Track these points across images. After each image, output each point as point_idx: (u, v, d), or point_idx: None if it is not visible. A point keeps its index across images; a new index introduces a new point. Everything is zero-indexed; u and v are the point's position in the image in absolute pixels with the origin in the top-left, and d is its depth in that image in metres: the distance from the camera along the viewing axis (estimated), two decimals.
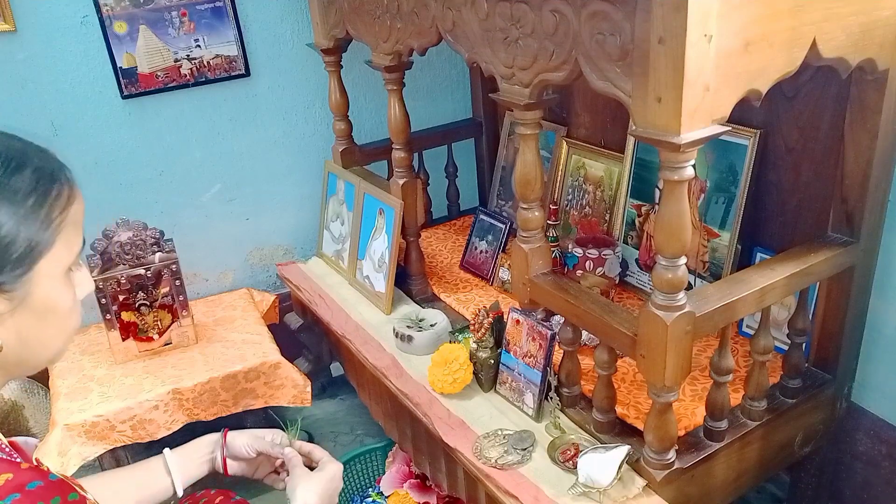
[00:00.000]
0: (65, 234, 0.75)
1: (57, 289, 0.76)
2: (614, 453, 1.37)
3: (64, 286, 0.77)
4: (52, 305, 0.76)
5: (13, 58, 2.07)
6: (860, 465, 1.77)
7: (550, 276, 1.56)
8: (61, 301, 0.77)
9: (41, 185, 0.73)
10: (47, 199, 0.73)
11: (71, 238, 0.77)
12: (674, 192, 1.14)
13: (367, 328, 2.04)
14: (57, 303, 0.76)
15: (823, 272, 1.47)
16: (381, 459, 2.14)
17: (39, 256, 0.73)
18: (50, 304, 0.75)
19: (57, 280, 0.76)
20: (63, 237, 0.75)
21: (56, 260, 0.75)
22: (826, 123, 1.59)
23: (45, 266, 0.74)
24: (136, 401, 1.95)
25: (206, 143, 2.40)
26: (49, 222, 0.73)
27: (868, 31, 1.24)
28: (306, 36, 2.39)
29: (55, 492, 0.71)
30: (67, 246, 0.76)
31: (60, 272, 0.76)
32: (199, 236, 2.48)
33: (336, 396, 2.61)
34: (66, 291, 0.77)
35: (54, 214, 0.74)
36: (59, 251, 0.75)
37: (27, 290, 0.72)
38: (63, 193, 0.76)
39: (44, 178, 0.74)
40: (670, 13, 1.02)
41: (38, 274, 0.73)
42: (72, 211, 0.77)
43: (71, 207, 0.77)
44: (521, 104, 1.41)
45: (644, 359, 1.29)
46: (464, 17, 1.51)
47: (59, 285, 0.76)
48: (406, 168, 2.05)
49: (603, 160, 2.15)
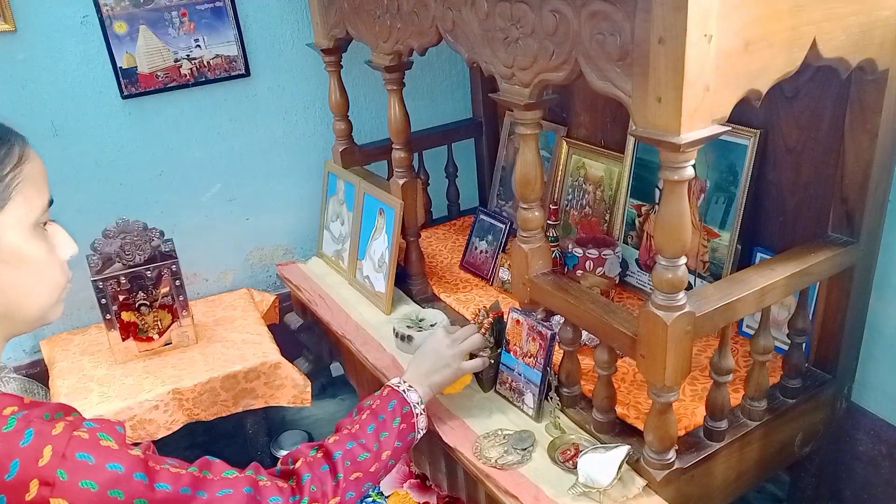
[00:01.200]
0: (22, 190, 0.81)
1: (24, 241, 0.81)
2: (614, 453, 1.37)
3: (32, 239, 0.82)
4: (21, 256, 0.81)
5: (13, 58, 2.07)
6: (860, 465, 1.77)
7: (550, 276, 1.56)
8: (30, 252, 0.82)
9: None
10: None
11: (30, 195, 0.82)
12: (674, 192, 1.14)
13: (367, 328, 2.04)
14: (27, 254, 0.81)
15: (823, 272, 1.47)
16: None
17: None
18: (18, 255, 0.81)
19: (22, 233, 0.81)
20: (20, 194, 0.80)
21: (17, 214, 0.80)
22: (826, 123, 1.59)
23: (4, 221, 0.79)
24: (136, 401, 1.95)
25: (206, 143, 2.40)
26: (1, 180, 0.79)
27: (868, 31, 1.24)
28: (306, 36, 2.39)
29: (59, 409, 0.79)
30: (27, 202, 0.81)
31: (25, 227, 0.81)
32: (199, 236, 2.48)
33: (336, 396, 2.61)
34: (35, 244, 0.83)
35: (5, 172, 0.79)
36: (16, 207, 0.80)
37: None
38: (13, 152, 0.81)
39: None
40: (670, 13, 1.02)
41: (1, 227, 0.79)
42: (27, 168, 0.82)
43: (25, 165, 0.82)
44: (521, 104, 1.41)
45: (644, 359, 1.29)
46: (464, 17, 1.51)
47: (28, 238, 0.82)
48: (406, 168, 2.05)
49: (603, 160, 2.15)
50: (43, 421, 0.76)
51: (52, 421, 0.76)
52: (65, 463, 0.73)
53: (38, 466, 0.72)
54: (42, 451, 0.73)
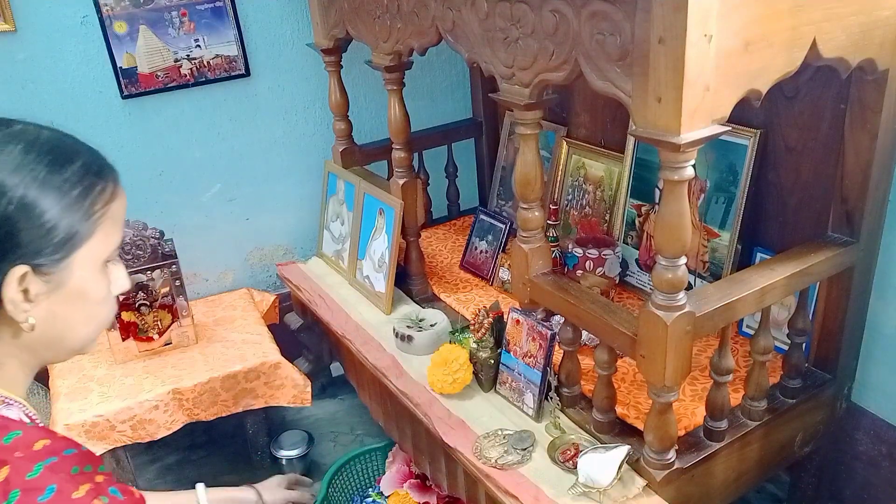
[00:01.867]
0: (104, 227, 0.80)
1: (92, 278, 0.81)
2: (614, 453, 1.37)
3: (99, 277, 0.82)
4: (84, 292, 0.80)
5: (13, 58, 2.07)
6: (860, 465, 1.77)
7: (550, 276, 1.56)
8: (94, 290, 0.81)
9: (87, 178, 0.79)
10: (91, 192, 0.79)
11: (110, 232, 0.82)
12: (674, 192, 1.14)
13: (367, 328, 2.04)
14: (89, 291, 0.81)
15: (823, 272, 1.47)
16: (381, 459, 2.14)
17: (79, 245, 0.77)
18: (83, 291, 0.80)
19: (93, 270, 0.80)
20: (102, 230, 0.80)
21: (93, 251, 0.80)
22: (826, 123, 1.59)
23: (82, 255, 0.78)
24: (136, 401, 1.95)
25: (206, 143, 2.40)
26: (91, 214, 0.78)
27: (868, 31, 1.24)
28: (306, 36, 2.39)
29: (88, 460, 0.77)
30: (106, 239, 0.81)
31: (97, 263, 0.81)
32: (199, 236, 2.48)
33: (336, 396, 2.61)
34: (99, 282, 0.82)
35: (96, 207, 0.79)
36: (97, 243, 0.80)
37: (64, 275, 0.77)
38: (107, 189, 0.81)
39: (90, 173, 0.80)
40: (670, 13, 1.02)
41: (76, 261, 0.78)
42: (113, 207, 0.82)
43: (112, 204, 0.82)
44: (521, 104, 1.41)
45: (644, 359, 1.29)
46: (464, 17, 1.51)
47: (95, 275, 0.81)
48: (406, 168, 2.05)
49: (603, 160, 2.15)
50: (69, 477, 0.73)
51: (78, 478, 0.74)
52: None
53: None
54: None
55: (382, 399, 1.98)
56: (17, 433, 0.74)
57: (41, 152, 0.76)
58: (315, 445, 2.33)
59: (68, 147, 0.80)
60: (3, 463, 0.71)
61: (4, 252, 0.72)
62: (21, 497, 0.70)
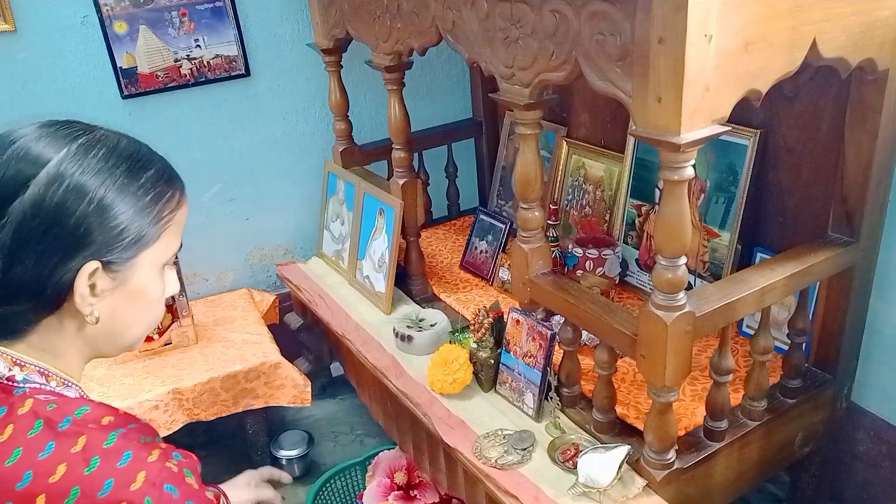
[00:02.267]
0: (169, 233, 0.86)
1: (152, 279, 0.86)
2: (614, 453, 1.37)
3: (157, 279, 0.87)
4: (144, 292, 0.85)
5: (13, 58, 2.07)
6: (860, 465, 1.77)
7: (550, 276, 1.56)
8: (152, 290, 0.87)
9: (159, 185, 0.85)
10: (162, 199, 0.85)
11: (172, 238, 0.87)
12: (674, 192, 1.14)
13: (367, 328, 2.04)
14: (148, 291, 0.86)
15: (823, 272, 1.47)
16: (360, 475, 2.11)
17: (145, 247, 0.83)
18: (143, 290, 0.85)
19: (153, 272, 0.86)
20: (167, 235, 0.86)
21: (157, 254, 0.85)
22: (826, 123, 1.59)
23: (147, 257, 0.83)
24: (136, 401, 1.95)
25: (206, 143, 2.40)
26: (159, 219, 0.84)
27: (868, 31, 1.24)
28: (306, 36, 2.39)
29: (149, 432, 0.82)
30: (168, 244, 0.87)
31: (158, 266, 0.86)
32: (199, 236, 2.48)
33: (336, 396, 2.62)
34: (158, 283, 0.87)
35: (165, 213, 0.85)
36: (160, 247, 0.85)
37: (129, 274, 0.82)
38: (175, 197, 0.87)
39: (162, 180, 0.85)
40: (670, 13, 1.02)
41: (140, 262, 0.83)
42: (178, 214, 0.88)
43: (178, 211, 0.88)
44: (521, 104, 1.41)
45: (644, 359, 1.29)
46: (464, 17, 1.51)
47: (154, 277, 0.86)
48: (406, 168, 2.05)
49: (603, 160, 2.15)
50: (140, 445, 0.78)
51: (148, 445, 0.79)
52: (153, 491, 0.75)
53: (130, 490, 0.74)
54: (136, 476, 0.75)
55: (382, 399, 1.98)
56: (86, 408, 0.79)
57: (121, 158, 0.81)
58: (315, 445, 2.33)
59: (144, 155, 0.85)
60: (80, 433, 0.75)
61: (80, 247, 0.77)
62: (101, 463, 0.74)
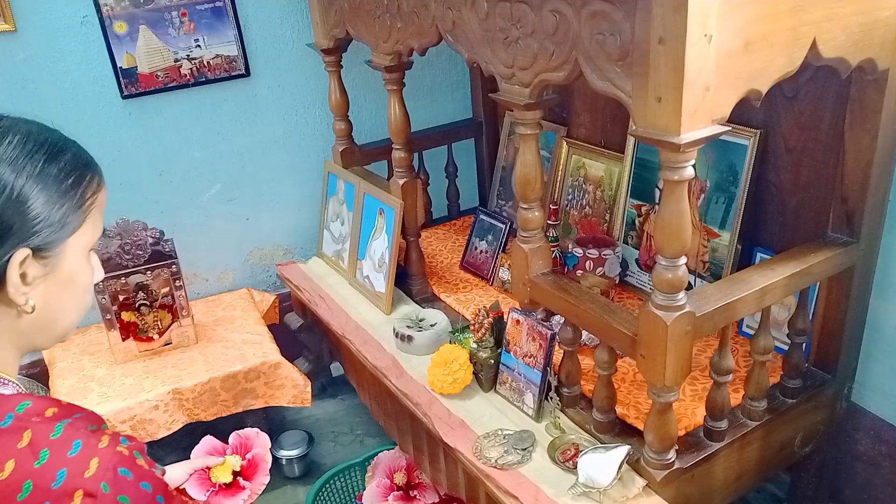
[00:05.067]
0: (92, 216, 0.85)
1: (81, 265, 0.86)
2: (614, 453, 1.37)
3: (86, 263, 0.87)
4: (74, 278, 0.85)
5: (13, 58, 2.07)
6: (860, 465, 1.77)
7: (550, 276, 1.56)
8: (82, 275, 0.87)
9: (78, 168, 0.84)
10: (82, 182, 0.83)
11: (96, 221, 0.87)
12: (674, 192, 1.14)
13: (367, 328, 2.04)
14: (79, 276, 0.86)
15: (823, 272, 1.47)
16: (360, 475, 2.11)
17: (72, 231, 0.83)
18: (73, 276, 0.85)
19: (81, 257, 0.86)
20: (90, 219, 0.85)
21: (83, 238, 0.85)
22: (826, 123, 1.59)
23: (74, 242, 0.83)
24: (136, 401, 1.95)
25: (206, 143, 2.40)
26: (82, 202, 0.83)
27: (868, 31, 1.24)
28: (306, 36, 2.39)
29: (95, 420, 0.83)
30: (93, 228, 0.86)
31: (84, 250, 0.86)
32: (199, 236, 2.48)
33: (336, 396, 2.61)
34: (86, 268, 0.88)
35: (87, 196, 0.84)
36: (86, 231, 0.85)
37: (58, 260, 0.82)
38: (94, 179, 0.86)
39: (80, 164, 0.84)
40: (670, 13, 1.02)
41: (69, 247, 0.83)
42: (99, 196, 0.87)
43: (99, 193, 0.87)
44: (521, 104, 1.41)
45: (644, 359, 1.29)
46: (464, 17, 1.51)
47: (83, 262, 0.86)
48: (406, 168, 2.05)
49: (603, 160, 2.15)
50: (88, 432, 0.79)
51: (96, 433, 0.80)
52: (107, 475, 0.76)
53: (84, 478, 0.75)
54: (89, 463, 0.76)
55: (382, 399, 1.98)
56: (27, 402, 0.80)
57: (36, 144, 0.81)
58: (315, 445, 2.33)
59: (59, 140, 0.85)
60: (24, 428, 0.76)
61: (8, 236, 0.77)
62: (51, 454, 0.75)
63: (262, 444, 1.31)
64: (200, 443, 1.32)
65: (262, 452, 1.31)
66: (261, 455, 1.30)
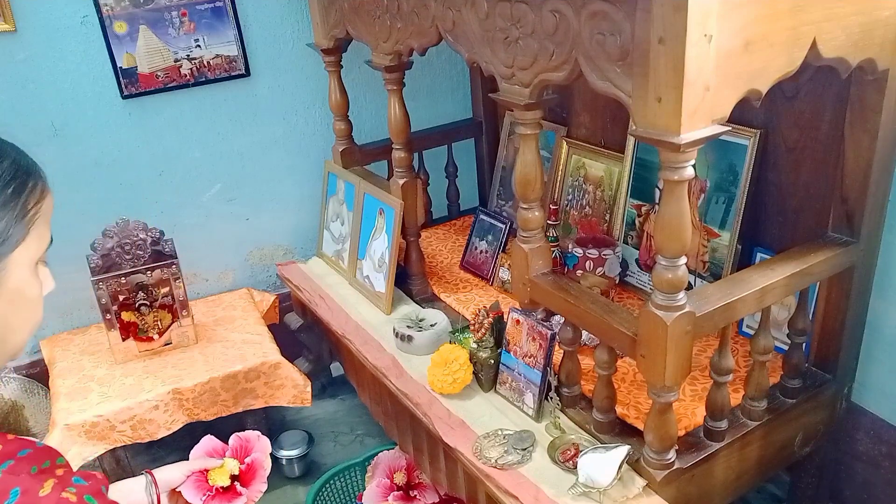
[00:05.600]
0: (37, 227, 0.78)
1: (27, 278, 0.79)
2: (614, 453, 1.37)
3: (33, 278, 0.80)
4: (21, 293, 0.79)
5: (13, 58, 2.07)
6: (860, 465, 1.77)
7: (550, 276, 1.56)
8: (30, 290, 0.80)
9: (18, 176, 0.76)
10: (24, 191, 0.76)
11: (42, 232, 0.80)
12: (674, 192, 1.14)
13: (367, 328, 2.04)
14: (27, 291, 0.79)
15: (823, 272, 1.47)
16: (360, 475, 2.10)
17: (14, 246, 0.75)
18: (20, 291, 0.78)
19: (27, 270, 0.79)
20: (35, 230, 0.78)
21: (29, 250, 0.78)
22: (826, 123, 1.59)
23: (18, 256, 0.76)
24: (136, 401, 1.95)
25: (206, 143, 2.40)
26: (24, 213, 0.76)
27: (868, 31, 1.24)
28: (306, 36, 2.39)
29: (45, 457, 0.75)
30: (39, 239, 0.79)
31: (31, 263, 0.79)
32: (199, 236, 2.48)
33: (336, 396, 2.61)
34: (34, 282, 0.81)
35: (29, 206, 0.76)
36: (31, 243, 0.78)
37: (2, 276, 0.76)
38: (38, 187, 0.78)
39: (20, 171, 0.76)
40: (670, 13, 1.02)
41: (12, 262, 0.76)
42: (44, 205, 0.79)
43: (43, 202, 0.80)
44: (521, 104, 1.41)
45: (644, 359, 1.29)
46: (464, 17, 1.51)
47: (29, 275, 0.80)
48: (406, 168, 2.05)
49: (603, 160, 2.15)
50: (31, 476, 0.72)
51: (40, 475, 0.73)
52: None
53: None
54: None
55: (382, 399, 1.98)
56: None
57: None
58: (315, 445, 2.33)
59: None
60: None
61: None
62: None
63: (263, 448, 1.27)
64: (200, 442, 1.30)
65: (262, 458, 1.26)
66: (260, 461, 1.26)
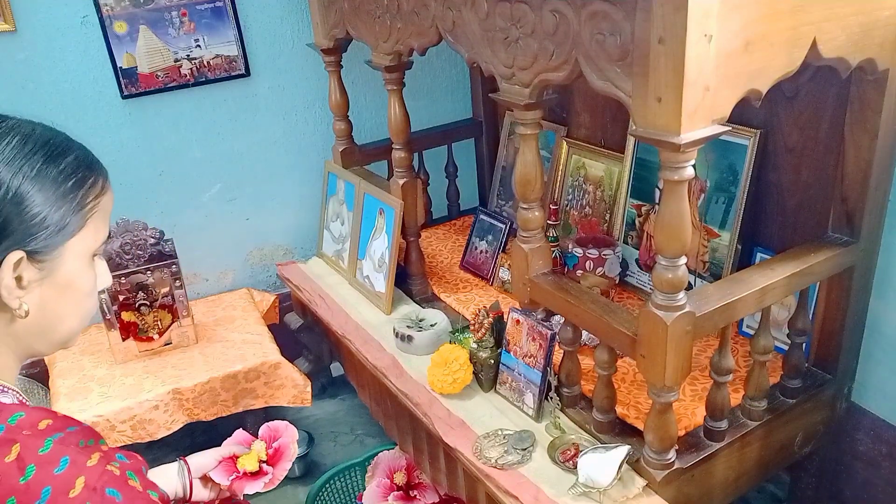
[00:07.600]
0: (94, 220, 0.83)
1: (81, 269, 0.83)
2: (614, 453, 1.37)
3: (87, 269, 0.85)
4: (73, 283, 0.83)
5: (13, 58, 2.07)
6: (860, 465, 1.77)
7: (550, 276, 1.56)
8: (82, 281, 0.84)
9: (80, 171, 0.81)
10: (84, 185, 0.81)
11: (99, 226, 0.85)
12: (674, 192, 1.14)
13: (367, 328, 2.04)
14: (78, 281, 0.83)
15: (823, 272, 1.47)
16: (360, 475, 2.10)
17: (70, 235, 0.80)
18: (72, 281, 0.83)
19: (82, 262, 0.83)
20: (93, 223, 0.83)
21: (84, 242, 0.82)
22: (826, 123, 1.59)
23: (73, 245, 0.81)
24: (136, 401, 1.95)
25: (206, 143, 2.40)
26: (83, 206, 0.81)
27: (868, 31, 1.24)
28: (306, 36, 2.39)
29: (91, 435, 0.80)
30: (95, 232, 0.84)
31: (86, 255, 0.84)
32: (199, 236, 2.48)
33: (336, 396, 2.61)
34: (88, 274, 0.85)
35: (88, 199, 0.82)
36: (87, 235, 0.82)
37: (56, 264, 0.80)
38: (98, 183, 0.84)
39: (83, 166, 0.82)
40: (670, 13, 1.02)
41: (67, 251, 0.81)
42: (103, 200, 0.85)
43: (103, 197, 0.85)
44: (521, 104, 1.41)
45: (644, 359, 1.29)
46: (464, 17, 1.51)
47: (83, 267, 0.84)
48: (406, 168, 2.05)
49: (603, 160, 2.15)
50: (79, 449, 0.76)
51: (86, 449, 0.77)
52: (93, 496, 0.73)
53: (69, 497, 0.72)
54: (74, 483, 0.73)
55: (382, 399, 1.98)
56: (21, 414, 0.76)
57: (36, 145, 0.79)
58: (315, 445, 2.33)
59: (61, 142, 0.83)
60: (13, 441, 0.73)
61: (3, 237, 0.75)
62: (37, 471, 0.72)
63: (291, 434, 1.33)
64: (233, 435, 1.34)
65: (289, 442, 1.32)
66: (286, 444, 1.32)
